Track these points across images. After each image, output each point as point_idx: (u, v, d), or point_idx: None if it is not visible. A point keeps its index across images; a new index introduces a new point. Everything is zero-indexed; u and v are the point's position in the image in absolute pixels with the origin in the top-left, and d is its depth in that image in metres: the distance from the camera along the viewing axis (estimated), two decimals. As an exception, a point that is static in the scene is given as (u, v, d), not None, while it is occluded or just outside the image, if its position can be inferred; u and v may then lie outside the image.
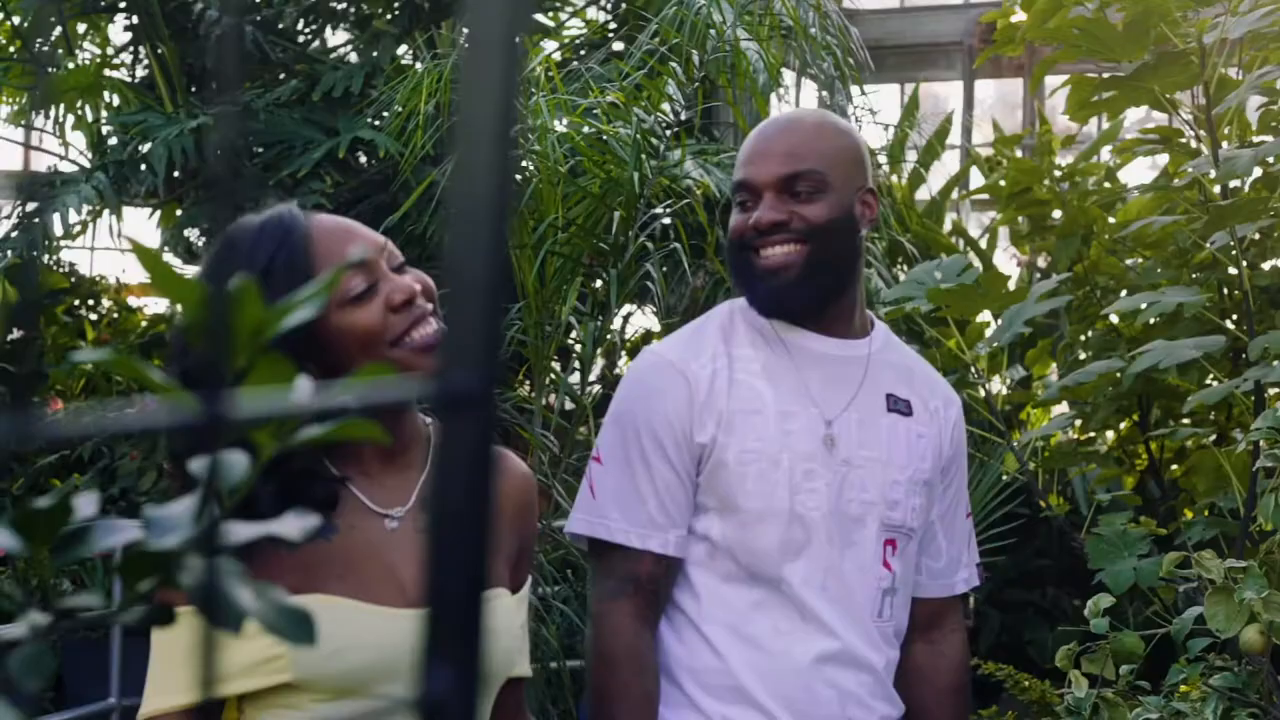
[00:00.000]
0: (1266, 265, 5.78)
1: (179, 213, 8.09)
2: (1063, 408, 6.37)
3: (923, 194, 8.86)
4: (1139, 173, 8.47)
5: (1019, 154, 7.32)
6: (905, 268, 6.90)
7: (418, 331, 2.31)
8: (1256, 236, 5.50)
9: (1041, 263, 7.31)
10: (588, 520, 2.81)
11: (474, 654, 0.57)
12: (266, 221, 2.27)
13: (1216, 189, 5.13)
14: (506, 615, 2.40)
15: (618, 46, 7.79)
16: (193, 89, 8.17)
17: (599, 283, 5.73)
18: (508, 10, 0.56)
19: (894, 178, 8.30)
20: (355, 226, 2.36)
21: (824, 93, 6.40)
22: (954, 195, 8.99)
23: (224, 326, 0.54)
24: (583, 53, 7.79)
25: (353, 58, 8.51)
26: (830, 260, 2.83)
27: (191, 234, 8.12)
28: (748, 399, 2.79)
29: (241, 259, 2.21)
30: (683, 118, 6.45)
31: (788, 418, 2.79)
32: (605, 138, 5.30)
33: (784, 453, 2.77)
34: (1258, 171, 5.17)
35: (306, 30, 8.55)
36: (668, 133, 5.69)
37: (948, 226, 8.62)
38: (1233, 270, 5.12)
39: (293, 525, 0.86)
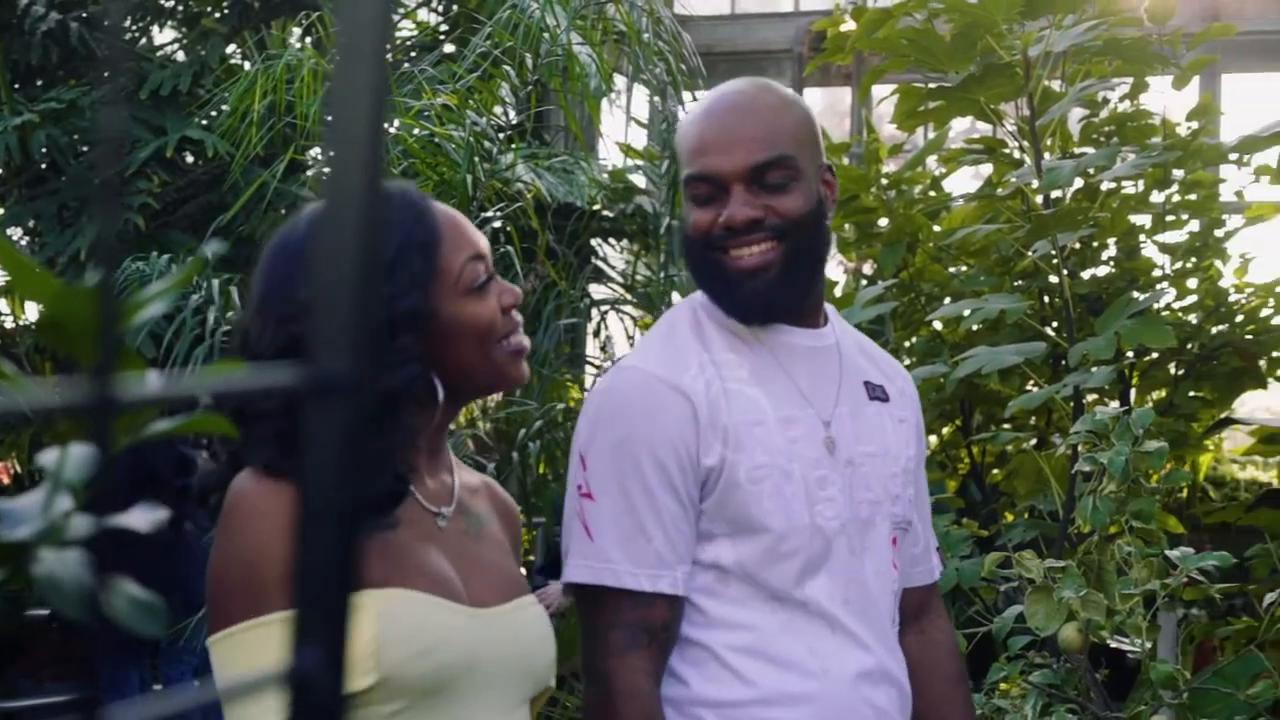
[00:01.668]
0: (1086, 274, 5.91)
1: (2, 210, 7.95)
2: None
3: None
4: (964, 182, 8.64)
5: (846, 162, 7.40)
6: (735, 273, 6.95)
7: (515, 337, 2.23)
8: (1077, 245, 5.61)
9: (868, 269, 7.40)
10: (590, 567, 2.46)
11: (342, 634, 0.59)
12: (395, 193, 2.17)
13: (1039, 199, 5.24)
14: (545, 622, 2.30)
15: (450, 49, 7.78)
16: (16, 85, 8.03)
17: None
18: (378, 14, 0.57)
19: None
20: (465, 219, 2.27)
21: (656, 98, 6.43)
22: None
23: (114, 318, 0.55)
24: (414, 55, 7.77)
25: (180, 56, 8.42)
26: (807, 254, 2.56)
27: (15, 231, 7.98)
28: (747, 409, 2.51)
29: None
30: (515, 121, 6.46)
31: (789, 424, 2.54)
32: (438, 140, 5.29)
33: (794, 463, 2.51)
34: (1079, 182, 5.29)
35: (133, 27, 8.44)
36: (500, 136, 5.69)
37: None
38: (1054, 278, 5.23)
39: (140, 517, 0.86)
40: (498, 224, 5.70)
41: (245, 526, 2.00)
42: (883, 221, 6.68)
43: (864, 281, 7.25)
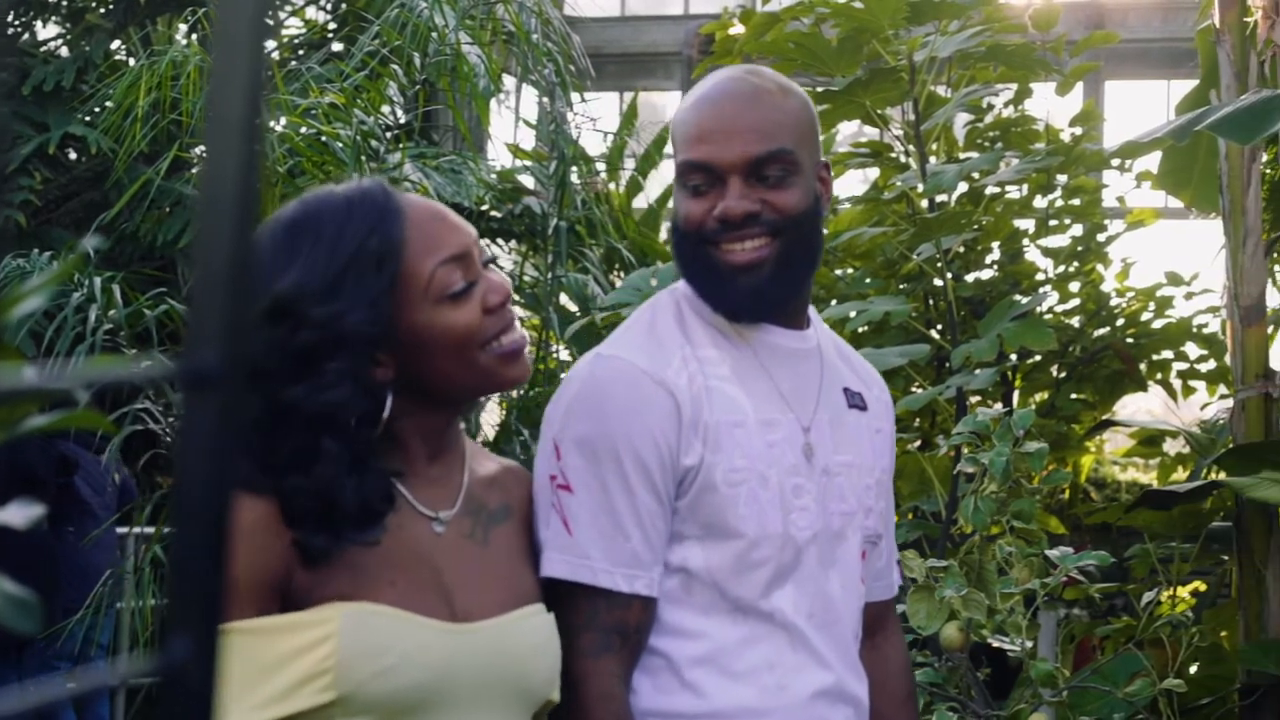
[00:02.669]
0: (970, 277, 5.97)
1: None
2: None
3: (640, 202, 8.98)
4: (852, 185, 8.72)
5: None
6: (622, 274, 6.98)
7: (506, 337, 2.11)
8: (961, 249, 5.68)
9: (755, 271, 7.43)
10: (567, 561, 2.33)
11: (214, 625, 0.59)
12: (357, 197, 2.06)
13: (924, 202, 5.28)
14: (547, 631, 2.19)
15: (338, 47, 7.75)
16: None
17: (316, 284, 5.68)
18: (256, 10, 0.58)
19: (612, 185, 8.39)
20: (447, 212, 2.14)
21: (544, 99, 6.43)
22: (671, 203, 9.12)
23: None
24: (301, 53, 7.73)
25: (64, 51, 8.33)
26: (801, 252, 2.45)
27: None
28: (727, 409, 2.40)
29: (326, 237, 2.01)
30: (403, 120, 6.44)
31: (769, 427, 2.43)
32: (325, 139, 5.27)
33: (771, 468, 2.41)
34: (963, 186, 5.34)
35: (16, 22, 8.34)
36: (388, 135, 5.67)
37: (664, 234, 8.73)
38: (938, 281, 5.28)
39: (16, 514, 0.86)
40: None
41: None
42: (770, 223, 6.69)
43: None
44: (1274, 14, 4.57)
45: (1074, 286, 6.19)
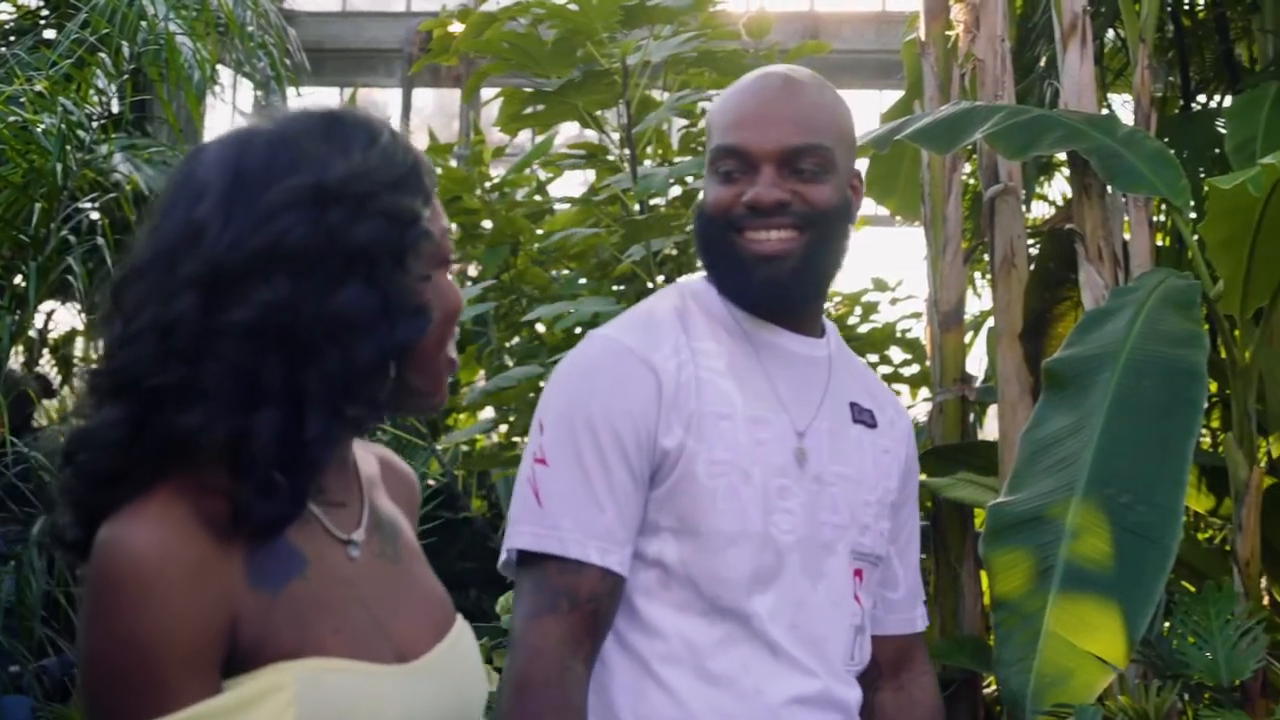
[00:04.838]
0: (682, 279, 6.04)
1: None
2: (488, 412, 6.47)
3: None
4: (569, 187, 8.78)
5: (452, 163, 7.42)
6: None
7: (452, 345, 1.86)
8: (673, 251, 5.74)
9: (472, 271, 7.44)
10: (535, 533, 2.28)
11: None
12: (399, 136, 1.80)
13: (636, 205, 5.33)
14: (477, 653, 1.95)
15: (49, 34, 7.57)
16: None
17: (18, 277, 5.54)
18: None
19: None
20: None
21: (259, 92, 6.36)
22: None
23: None
24: (12, 39, 7.54)
25: None
26: (827, 251, 2.41)
27: None
28: (716, 401, 2.34)
29: (382, 141, 1.75)
30: (117, 110, 6.31)
31: (758, 425, 2.37)
32: (29, 127, 5.14)
33: (755, 466, 2.34)
34: (676, 189, 5.41)
35: None
36: (96, 125, 5.55)
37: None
38: (650, 284, 5.34)
39: None
40: (95, 215, 5.57)
41: (139, 600, 1.54)
42: (487, 223, 6.71)
43: (468, 282, 7.29)
44: (975, 29, 4.71)
45: (784, 290, 6.30)
